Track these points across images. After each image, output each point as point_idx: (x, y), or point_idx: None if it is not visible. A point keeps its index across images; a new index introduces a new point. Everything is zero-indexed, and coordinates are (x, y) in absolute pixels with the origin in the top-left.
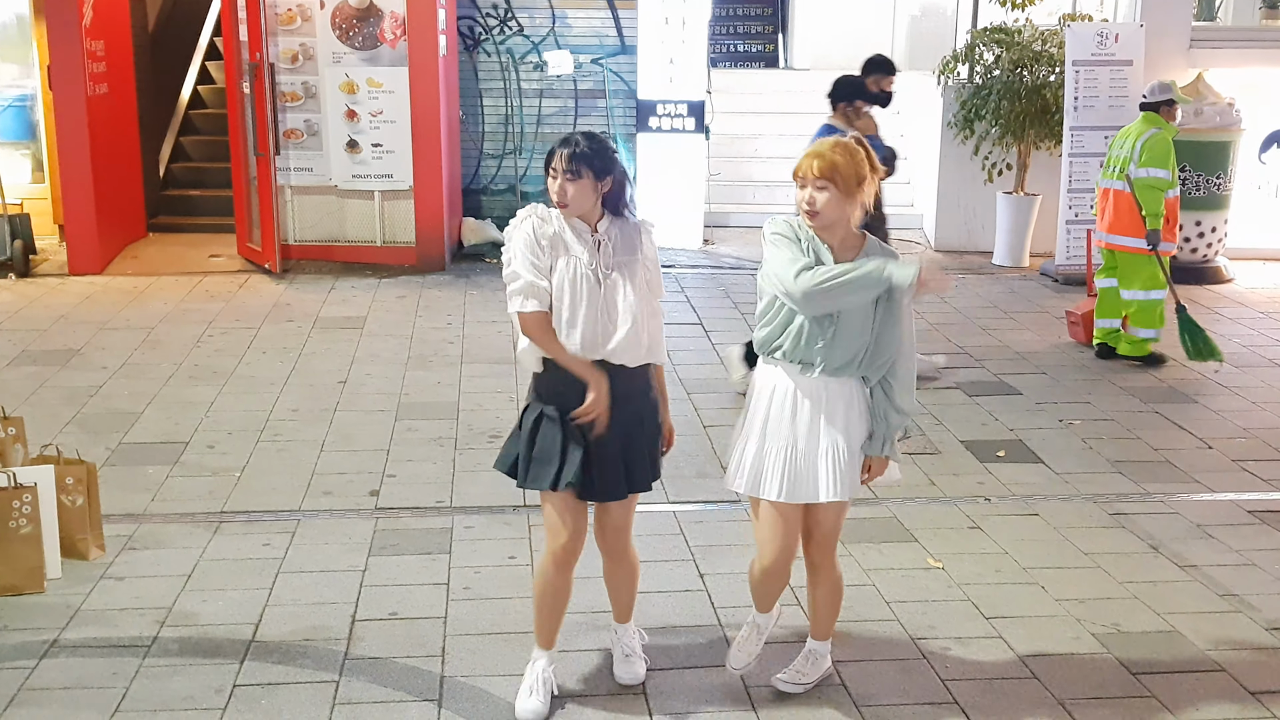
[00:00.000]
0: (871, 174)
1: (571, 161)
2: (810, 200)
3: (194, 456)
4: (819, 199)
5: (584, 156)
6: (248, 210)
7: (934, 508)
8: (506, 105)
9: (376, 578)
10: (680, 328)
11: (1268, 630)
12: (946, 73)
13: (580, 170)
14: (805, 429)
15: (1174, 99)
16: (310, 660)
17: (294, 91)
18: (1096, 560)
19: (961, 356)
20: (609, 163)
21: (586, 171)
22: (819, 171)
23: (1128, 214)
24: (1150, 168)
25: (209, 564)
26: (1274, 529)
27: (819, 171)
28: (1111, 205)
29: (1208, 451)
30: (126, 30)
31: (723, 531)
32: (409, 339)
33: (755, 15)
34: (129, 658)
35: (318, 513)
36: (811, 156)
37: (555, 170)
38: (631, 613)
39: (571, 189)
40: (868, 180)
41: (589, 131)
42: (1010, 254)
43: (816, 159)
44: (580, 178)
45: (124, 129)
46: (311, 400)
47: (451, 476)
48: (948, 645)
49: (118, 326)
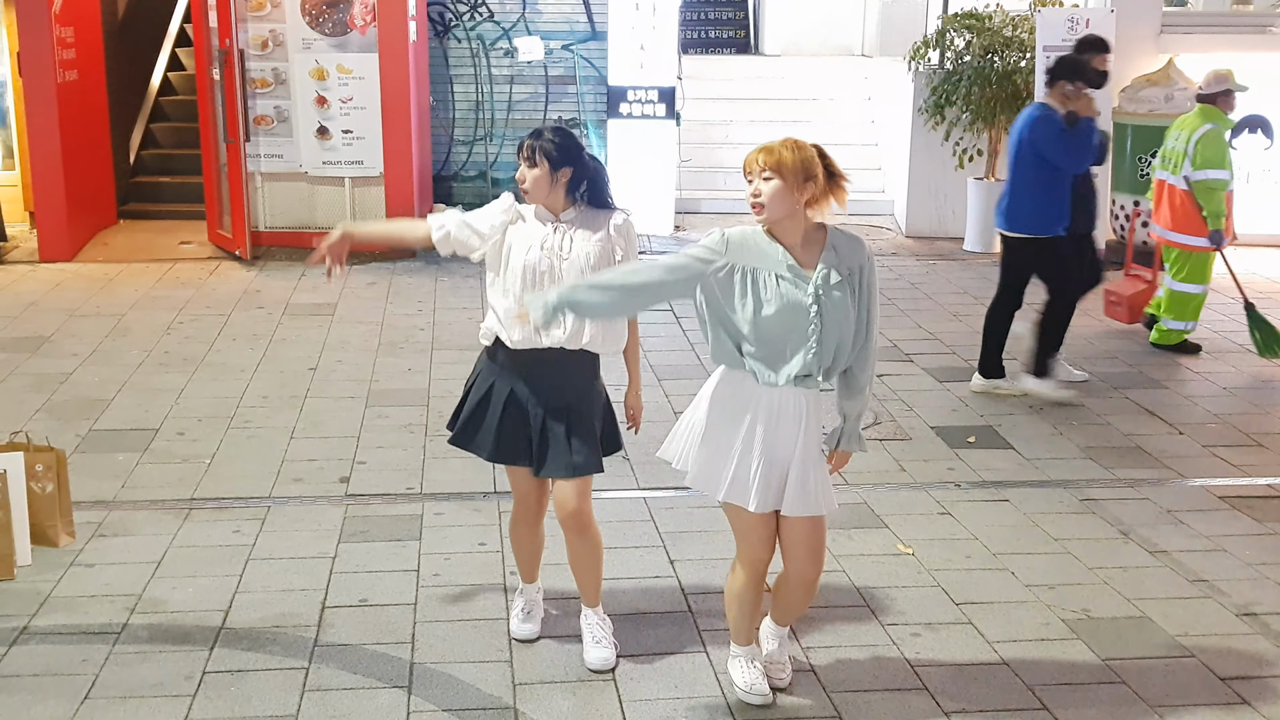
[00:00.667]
0: (829, 178)
1: (532, 151)
2: (756, 192)
3: (164, 443)
4: (764, 189)
5: (543, 148)
6: (218, 197)
7: (904, 493)
8: (477, 91)
9: (346, 564)
10: (651, 314)
11: (1238, 616)
12: (917, 59)
13: (536, 159)
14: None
15: (1231, 89)
16: (280, 647)
17: (264, 78)
18: (1066, 546)
19: (932, 342)
20: (567, 155)
21: (543, 161)
22: (764, 164)
23: (1183, 211)
24: (1207, 169)
25: (179, 551)
26: (1244, 514)
27: (764, 164)
28: (1167, 200)
29: (1178, 437)
30: (96, 17)
31: (693, 518)
32: (379, 326)
33: (726, 1)
34: (98, 645)
35: (288, 499)
36: (759, 150)
37: (522, 159)
38: (599, 596)
39: (529, 175)
40: (817, 178)
41: (559, 126)
42: (981, 240)
43: (763, 153)
44: (536, 166)
45: (94, 116)
46: (281, 387)
47: (421, 463)
48: (918, 631)
49: (88, 313)
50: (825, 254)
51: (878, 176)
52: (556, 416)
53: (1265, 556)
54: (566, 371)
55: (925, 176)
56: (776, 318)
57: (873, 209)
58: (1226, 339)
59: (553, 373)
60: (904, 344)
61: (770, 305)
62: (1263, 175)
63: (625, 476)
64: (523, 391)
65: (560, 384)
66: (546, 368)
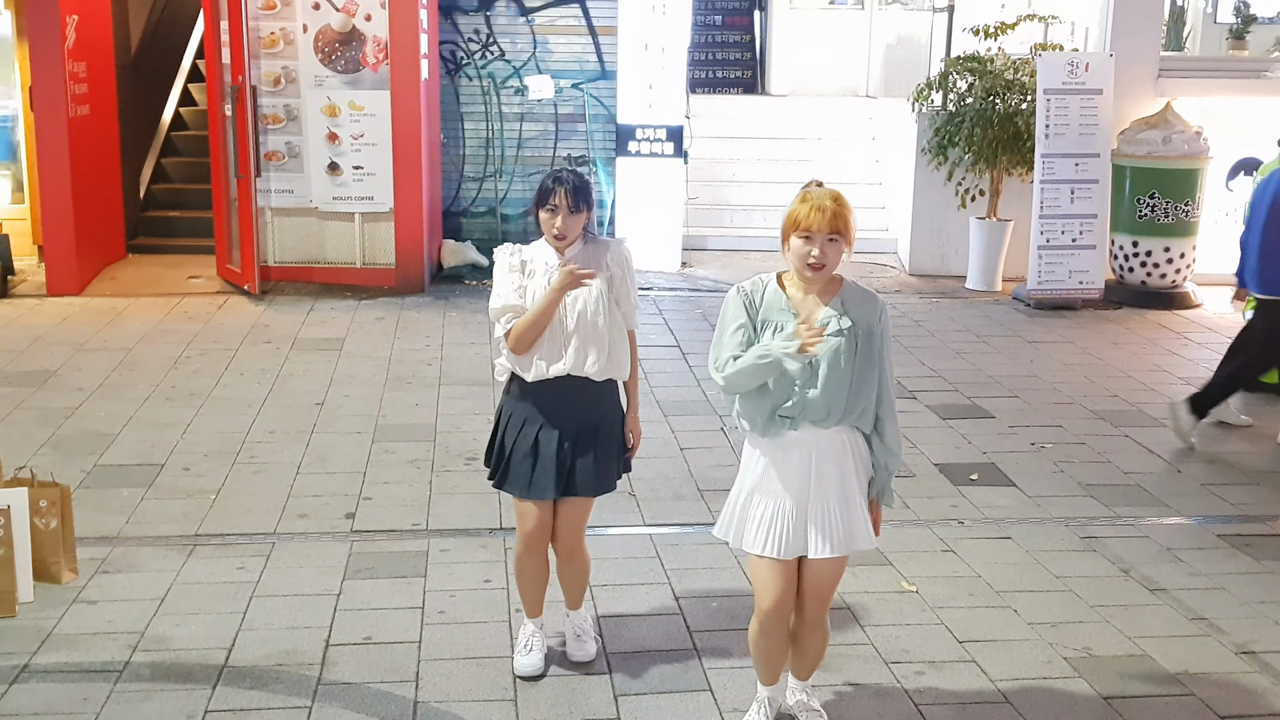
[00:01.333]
0: None
1: (573, 197)
2: (821, 253)
3: (169, 478)
4: (830, 252)
5: (582, 191)
6: (227, 232)
7: (908, 530)
8: (487, 129)
9: (351, 601)
10: (658, 350)
11: (1237, 654)
12: (920, 100)
13: (580, 204)
14: (796, 484)
15: None
16: (283, 685)
17: (275, 114)
18: (1068, 584)
19: (935, 380)
20: (592, 194)
21: (584, 205)
22: (831, 226)
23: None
24: None
25: (182, 587)
26: (1242, 552)
27: (831, 226)
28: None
29: (1177, 475)
30: (109, 52)
31: (699, 554)
32: (387, 360)
33: (734, 43)
34: (100, 683)
35: (293, 535)
36: (816, 210)
37: (556, 206)
38: (582, 601)
39: (571, 222)
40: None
41: (570, 168)
42: (983, 278)
43: (822, 213)
44: (579, 211)
45: (105, 150)
46: (288, 422)
47: (428, 499)
48: (921, 670)
49: (95, 347)
50: (832, 302)
51: (882, 215)
52: (586, 438)
53: (1264, 595)
54: (590, 395)
55: (928, 215)
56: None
57: (877, 247)
58: None
59: (578, 397)
60: (907, 381)
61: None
62: None
63: (631, 513)
64: (554, 420)
65: (587, 407)
66: (573, 394)
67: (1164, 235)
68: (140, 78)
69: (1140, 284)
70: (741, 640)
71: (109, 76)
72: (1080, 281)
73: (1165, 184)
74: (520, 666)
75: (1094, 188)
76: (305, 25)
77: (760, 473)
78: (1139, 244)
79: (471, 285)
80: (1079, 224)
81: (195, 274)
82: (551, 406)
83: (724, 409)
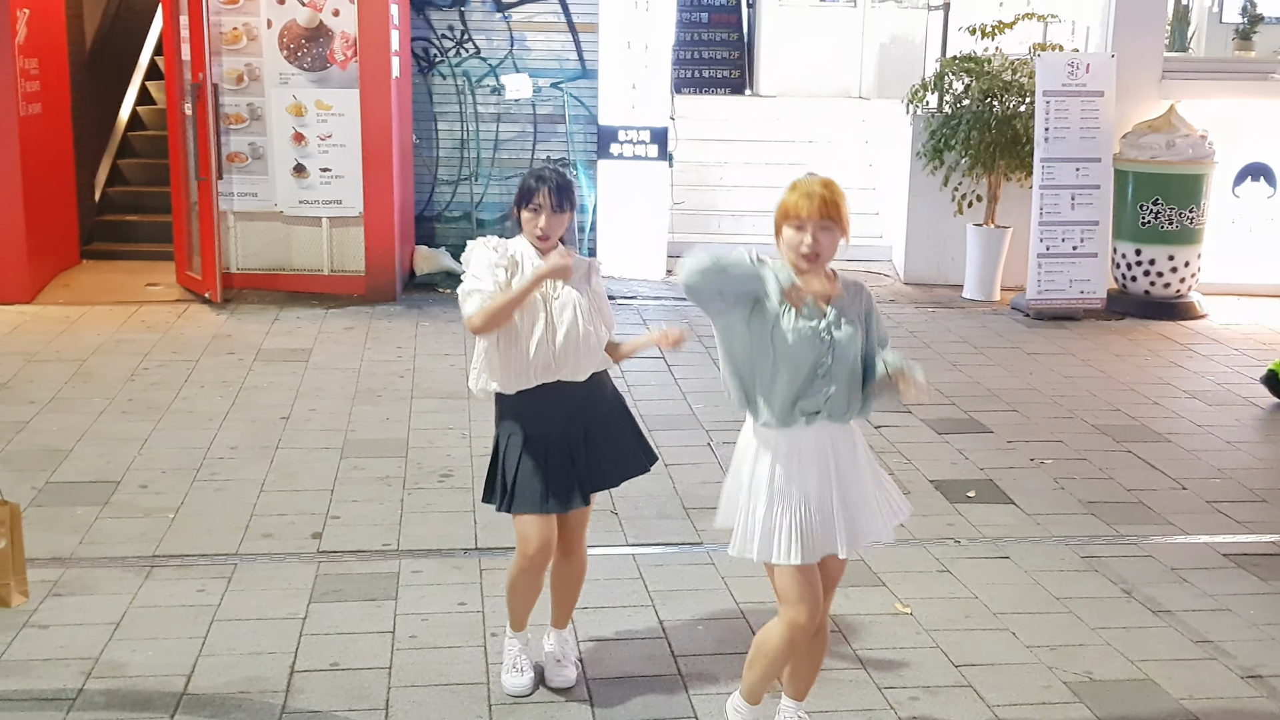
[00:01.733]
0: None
1: (556, 196)
2: (815, 241)
3: (126, 496)
4: (824, 240)
5: (566, 191)
6: (188, 237)
7: (902, 550)
8: (462, 130)
9: (317, 625)
10: (642, 362)
11: (1243, 678)
12: (915, 102)
13: (564, 204)
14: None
15: None
16: (245, 713)
17: (238, 113)
18: (1068, 605)
19: (930, 393)
20: (575, 194)
21: (568, 205)
22: (822, 212)
23: None
24: None
25: (140, 611)
26: (1249, 573)
27: (822, 212)
28: None
29: (1181, 492)
30: (63, 48)
31: (684, 576)
32: (357, 372)
33: (721, 41)
34: (52, 711)
35: (256, 556)
36: (805, 196)
37: (540, 205)
38: (569, 619)
39: (554, 222)
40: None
41: (553, 166)
42: (981, 287)
43: (811, 199)
44: (563, 211)
45: (58, 151)
46: (252, 437)
47: (399, 518)
48: (916, 695)
49: (48, 358)
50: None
51: (876, 221)
52: (594, 433)
53: (1271, 616)
54: (581, 393)
55: (924, 222)
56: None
57: (871, 254)
58: (1230, 391)
59: (570, 396)
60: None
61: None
62: (1265, 224)
63: (614, 532)
64: (554, 427)
65: (582, 403)
66: (564, 396)
67: (1168, 243)
68: (96, 75)
69: (1143, 293)
70: (729, 665)
71: (62, 74)
72: (1081, 291)
73: (1169, 189)
74: (512, 686)
75: (1095, 193)
76: (270, 20)
77: (774, 476)
78: (1142, 252)
79: (445, 293)
80: (1080, 231)
81: (154, 281)
82: (546, 414)
83: (711, 423)
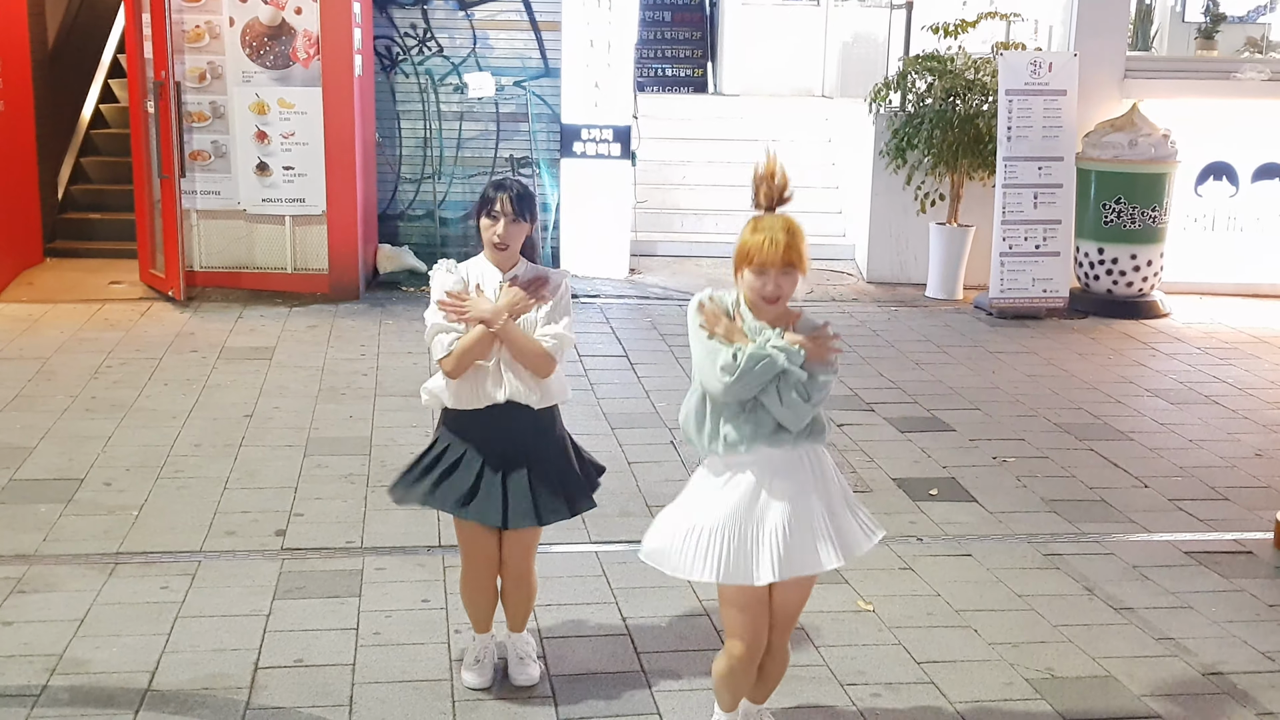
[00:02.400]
0: None
1: (515, 204)
2: (777, 287)
3: (89, 494)
4: (785, 285)
5: (525, 200)
6: (151, 235)
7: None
8: (425, 128)
9: (281, 622)
10: (605, 360)
11: (1204, 675)
12: (878, 101)
13: (524, 213)
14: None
15: None
16: (209, 710)
17: (201, 111)
18: (1030, 602)
19: (893, 391)
20: (536, 206)
21: (528, 214)
22: (785, 259)
23: None
24: None
25: (103, 608)
26: (1211, 570)
27: (785, 259)
28: None
29: (1144, 490)
30: (24, 45)
31: (647, 573)
32: (320, 371)
33: (684, 39)
34: (15, 708)
35: (220, 554)
36: (770, 244)
37: (498, 213)
38: (525, 624)
39: (513, 231)
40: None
41: (515, 176)
42: (944, 286)
43: (774, 246)
44: (522, 220)
45: (20, 149)
46: (215, 435)
47: (363, 515)
48: (878, 692)
49: (10, 356)
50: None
51: (838, 220)
52: (516, 466)
53: (1232, 614)
54: (520, 422)
55: (886, 221)
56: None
57: (833, 253)
58: (1192, 390)
59: (505, 424)
60: (865, 393)
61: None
62: (1228, 222)
63: (576, 529)
64: (482, 448)
65: (514, 433)
66: (498, 421)
67: (1131, 242)
68: (58, 72)
69: (1106, 292)
70: (692, 662)
71: (24, 71)
72: (1044, 290)
73: (1132, 189)
74: (469, 681)
75: (1058, 192)
76: (232, 19)
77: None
78: (1105, 251)
79: (409, 292)
80: (1042, 230)
81: (117, 279)
82: (491, 435)
83: (673, 421)
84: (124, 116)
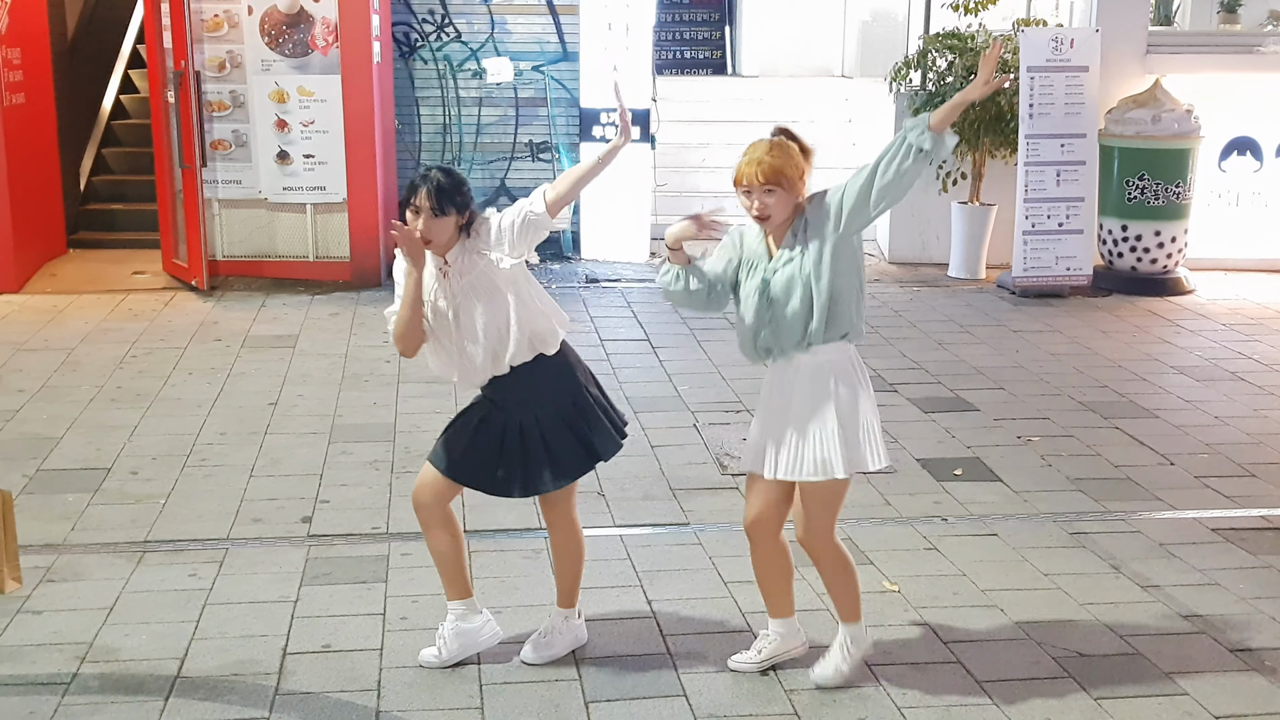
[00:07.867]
0: (806, 162)
1: (435, 198)
2: (761, 206)
3: (116, 483)
4: (769, 203)
5: (447, 193)
6: (173, 225)
7: (889, 528)
8: (444, 114)
9: (308, 609)
10: (626, 344)
11: (1232, 652)
12: (898, 79)
13: (445, 207)
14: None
15: None
16: (239, 696)
17: (221, 100)
18: (1056, 581)
19: (917, 372)
20: (469, 197)
21: (450, 208)
22: (765, 178)
23: None
24: None
25: (131, 596)
26: (1237, 547)
27: (765, 178)
28: None
29: (1169, 468)
30: (45, 37)
31: (670, 556)
32: (343, 358)
33: (702, 21)
34: (47, 696)
35: (246, 541)
36: (752, 163)
37: (417, 207)
38: (574, 600)
39: (435, 226)
40: (806, 171)
41: (444, 167)
42: (966, 266)
43: (757, 165)
44: (444, 214)
45: (42, 141)
46: (240, 423)
47: (388, 501)
48: (904, 672)
49: (35, 347)
50: (788, 236)
51: None
52: (529, 431)
53: (1260, 590)
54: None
55: (908, 201)
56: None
57: None
58: (1218, 366)
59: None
60: (888, 374)
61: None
62: (1252, 198)
63: (601, 514)
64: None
65: (522, 397)
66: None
67: (1154, 218)
68: (78, 64)
69: (1130, 269)
70: (717, 644)
71: (45, 63)
72: (1067, 268)
73: (1155, 165)
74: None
75: (1081, 169)
76: (250, 7)
77: (764, 396)
78: (1128, 228)
79: None
80: (1065, 208)
81: (140, 269)
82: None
83: (695, 404)
84: (144, 107)
